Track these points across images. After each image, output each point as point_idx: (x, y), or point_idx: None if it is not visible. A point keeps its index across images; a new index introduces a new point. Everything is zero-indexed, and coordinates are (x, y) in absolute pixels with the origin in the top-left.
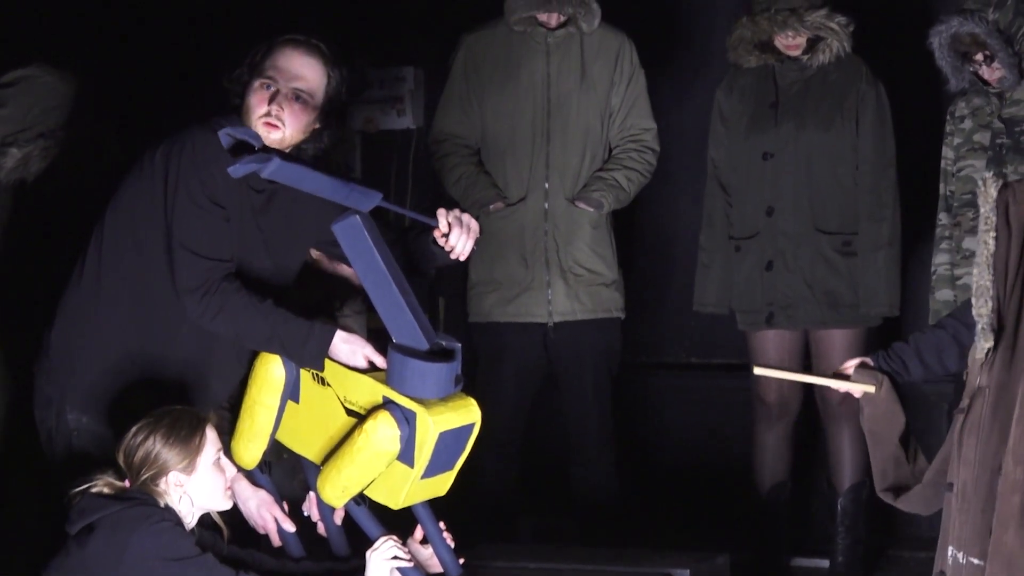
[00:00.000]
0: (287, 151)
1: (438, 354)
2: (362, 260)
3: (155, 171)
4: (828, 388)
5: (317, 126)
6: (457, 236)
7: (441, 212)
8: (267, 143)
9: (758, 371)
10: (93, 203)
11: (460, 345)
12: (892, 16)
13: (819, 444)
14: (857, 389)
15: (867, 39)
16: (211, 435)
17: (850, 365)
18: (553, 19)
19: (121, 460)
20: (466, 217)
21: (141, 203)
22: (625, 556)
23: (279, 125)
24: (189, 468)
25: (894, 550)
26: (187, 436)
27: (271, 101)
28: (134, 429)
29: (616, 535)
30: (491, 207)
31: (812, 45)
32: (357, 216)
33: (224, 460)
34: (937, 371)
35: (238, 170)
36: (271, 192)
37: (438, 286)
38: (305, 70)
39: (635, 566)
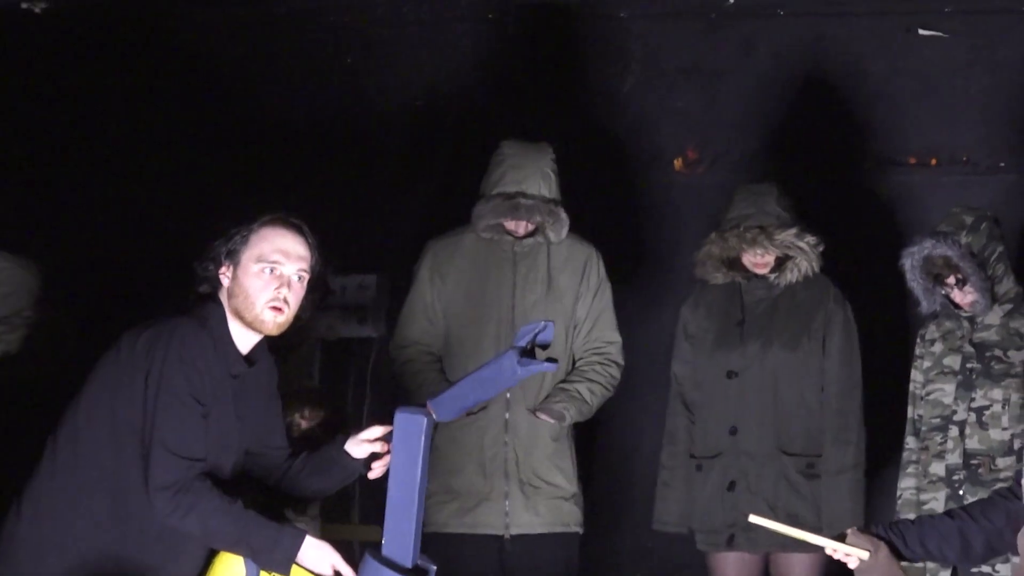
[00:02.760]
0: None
1: (414, 572)
2: (405, 457)
3: (136, 361)
4: None
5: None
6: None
7: (380, 429)
8: (271, 327)
9: (753, 519)
10: (52, 390)
11: (435, 567)
12: (862, 237)
13: None
14: (852, 552)
15: (836, 258)
16: None
17: (849, 529)
18: (521, 227)
19: None
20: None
21: (120, 393)
22: None
23: (284, 309)
24: None
25: None
26: None
27: (279, 286)
28: None
29: None
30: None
31: (780, 264)
32: (426, 417)
33: None
34: (935, 558)
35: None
36: (243, 376)
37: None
38: (300, 250)
39: None
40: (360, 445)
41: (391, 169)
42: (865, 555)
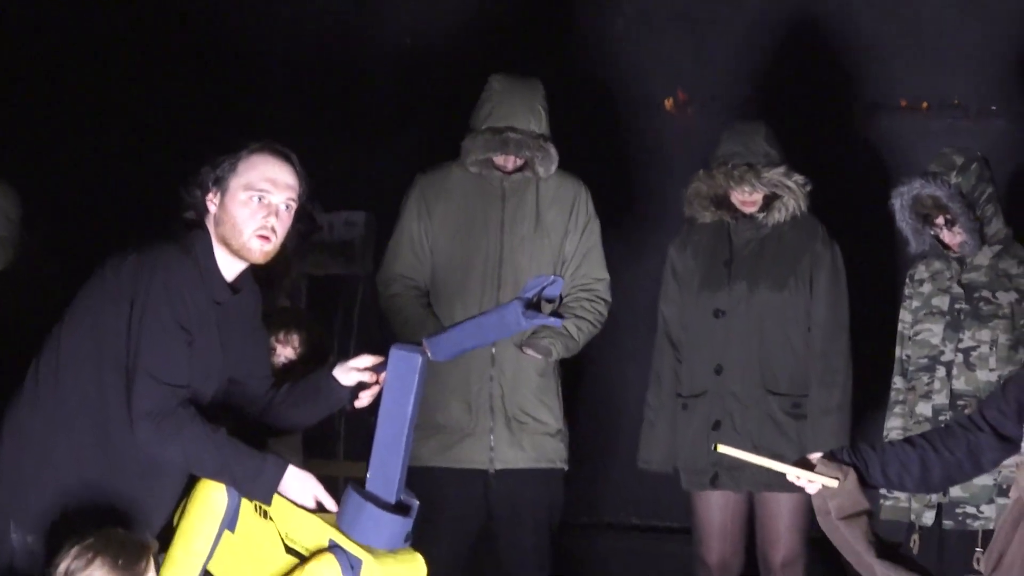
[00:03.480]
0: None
1: (397, 507)
2: (397, 394)
3: (121, 288)
4: (770, 549)
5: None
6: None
7: (368, 359)
8: (258, 255)
9: (722, 448)
10: (32, 317)
11: (418, 503)
12: (852, 179)
13: None
14: (821, 480)
15: (824, 198)
16: (152, 565)
17: (815, 456)
18: (510, 163)
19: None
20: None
21: (104, 320)
22: None
23: (271, 238)
24: None
25: None
26: (130, 564)
27: (267, 214)
28: (76, 549)
29: None
30: None
31: (768, 203)
32: (422, 357)
33: None
34: (894, 485)
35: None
36: (226, 303)
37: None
38: (289, 179)
39: None
40: (349, 373)
41: (380, 107)
42: (834, 483)
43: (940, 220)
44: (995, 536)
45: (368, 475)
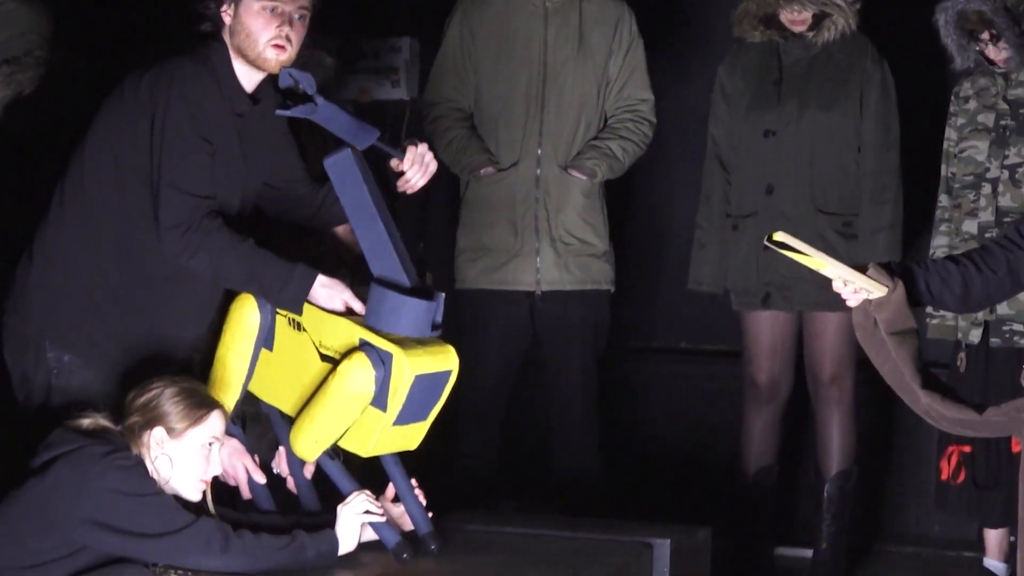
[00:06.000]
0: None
1: (418, 292)
2: (350, 195)
3: (140, 103)
4: (818, 364)
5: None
6: (415, 172)
7: (410, 147)
8: (274, 64)
9: (779, 236)
10: (64, 132)
11: (444, 294)
12: None
13: (808, 432)
14: (871, 286)
15: (873, 17)
16: (216, 421)
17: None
18: None
19: (126, 400)
20: (428, 156)
21: (124, 137)
22: (605, 526)
23: (287, 47)
24: (178, 434)
25: (880, 544)
26: (194, 405)
27: (280, 24)
28: (154, 379)
29: (597, 514)
30: (482, 172)
31: (818, 21)
32: (349, 150)
33: (215, 457)
34: (936, 303)
35: (285, 113)
36: (249, 115)
37: (425, 259)
38: None
39: (615, 535)
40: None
41: None
42: (884, 291)
43: (985, 35)
44: None
45: (374, 273)
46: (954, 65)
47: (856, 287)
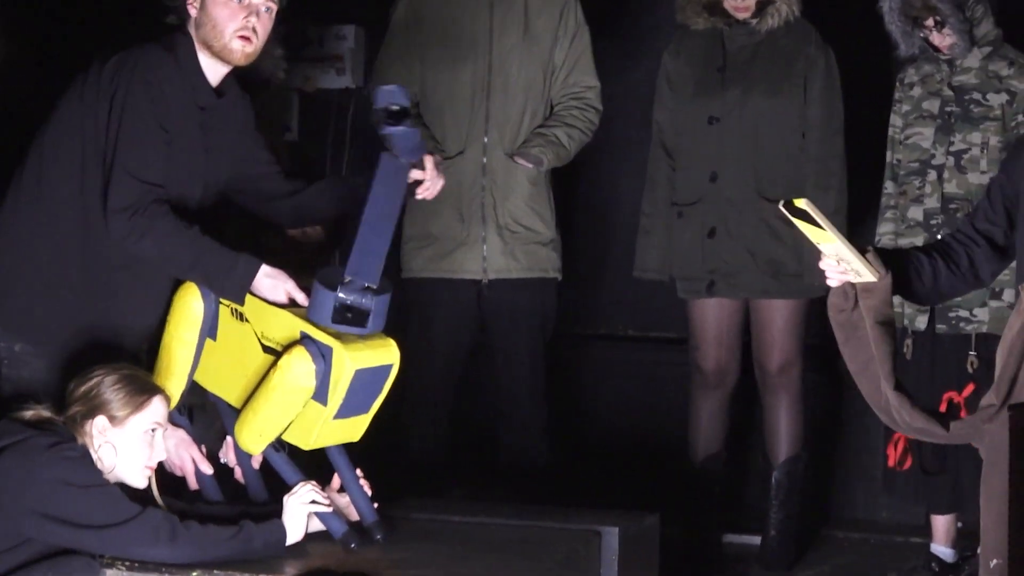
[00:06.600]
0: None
1: (375, 292)
2: (383, 195)
3: (100, 88)
4: (766, 354)
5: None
6: (434, 180)
7: (427, 158)
8: (240, 56)
9: (800, 203)
10: (15, 121)
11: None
12: None
13: (756, 418)
14: (866, 270)
15: (817, 2)
16: (158, 406)
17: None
18: None
19: (68, 390)
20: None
21: (86, 121)
22: (554, 514)
23: (253, 39)
24: (120, 421)
25: (828, 529)
26: (135, 391)
27: (247, 15)
28: (95, 368)
29: (546, 501)
30: None
31: (761, 8)
32: (405, 162)
33: (159, 442)
34: (904, 294)
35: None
36: (211, 109)
37: None
38: None
39: (563, 523)
40: None
41: None
42: (875, 278)
43: (930, 22)
44: (1003, 363)
45: (350, 258)
46: (898, 51)
47: (848, 268)
